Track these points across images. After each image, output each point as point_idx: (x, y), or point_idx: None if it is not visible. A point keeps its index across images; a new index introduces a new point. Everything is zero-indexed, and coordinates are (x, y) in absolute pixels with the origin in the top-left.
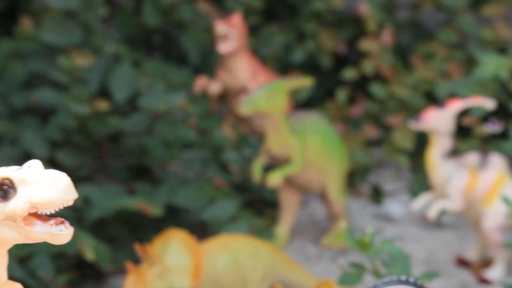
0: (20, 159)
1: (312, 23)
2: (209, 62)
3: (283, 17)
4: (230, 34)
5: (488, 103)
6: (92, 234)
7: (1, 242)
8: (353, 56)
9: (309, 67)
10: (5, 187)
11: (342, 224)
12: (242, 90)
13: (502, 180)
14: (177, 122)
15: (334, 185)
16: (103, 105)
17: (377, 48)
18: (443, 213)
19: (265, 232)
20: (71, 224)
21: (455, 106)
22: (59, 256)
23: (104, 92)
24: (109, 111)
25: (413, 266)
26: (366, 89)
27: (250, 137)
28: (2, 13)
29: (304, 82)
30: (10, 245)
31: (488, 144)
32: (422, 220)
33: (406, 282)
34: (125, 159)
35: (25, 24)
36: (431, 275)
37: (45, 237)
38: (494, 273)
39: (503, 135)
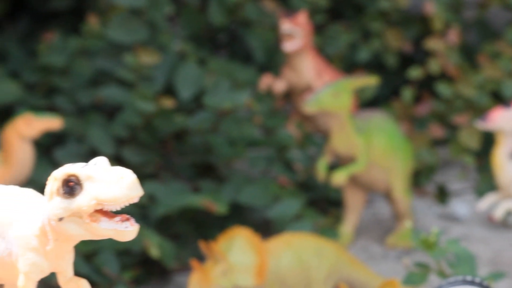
0: (86, 156)
1: (378, 22)
2: (274, 60)
3: (348, 16)
4: (295, 32)
5: None
6: (156, 231)
7: (68, 239)
8: (419, 55)
9: (375, 66)
10: (71, 183)
11: (407, 224)
12: (307, 89)
13: None
14: (242, 120)
15: (399, 185)
16: (168, 102)
17: (443, 47)
18: (509, 213)
19: (329, 231)
20: (137, 221)
21: None
22: (124, 253)
23: (169, 90)
24: (174, 108)
25: (479, 266)
26: (432, 88)
27: (315, 136)
28: (70, 11)
29: (369, 81)
30: (76, 241)
31: None
32: (488, 220)
33: (472, 283)
34: (190, 157)
35: (92, 22)
36: (497, 275)
37: (110, 234)
38: None
39: None
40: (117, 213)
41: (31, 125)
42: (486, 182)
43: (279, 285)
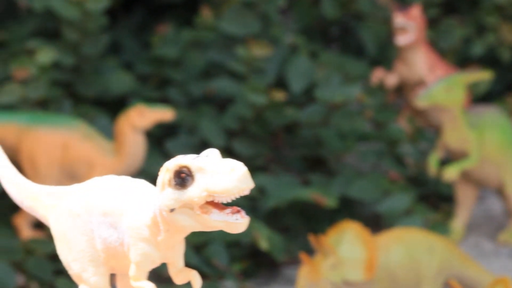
0: (198, 148)
1: (493, 16)
2: (386, 54)
3: (463, 10)
4: (409, 26)
5: None
6: (266, 224)
7: (178, 230)
8: None
9: (489, 60)
10: (183, 175)
11: None
12: (420, 83)
13: None
14: (353, 114)
15: None
16: (279, 95)
17: None
18: None
19: (440, 227)
20: (247, 213)
21: None
22: (233, 244)
23: (280, 83)
24: (285, 101)
25: None
26: None
27: (427, 130)
28: (183, 3)
29: (483, 76)
30: (187, 232)
31: None
32: None
33: None
34: (300, 150)
35: (205, 14)
36: None
37: (221, 226)
38: None
39: None
40: (227, 205)
41: (143, 116)
42: None
43: (388, 280)
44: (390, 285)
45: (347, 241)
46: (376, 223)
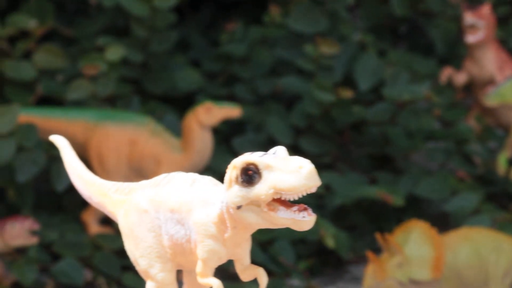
0: (264, 145)
1: None
2: (455, 52)
3: None
4: (478, 24)
5: None
6: (332, 222)
7: (245, 227)
8: None
9: None
10: (250, 172)
11: None
12: (489, 82)
13: None
14: (421, 112)
15: None
16: (347, 93)
17: None
18: None
19: (508, 226)
20: (313, 211)
21: None
22: (300, 242)
23: (348, 81)
24: (352, 99)
25: None
26: None
27: (496, 129)
28: (252, 1)
29: None
30: (253, 229)
31: None
32: None
33: None
34: (367, 148)
35: (274, 11)
36: None
37: (288, 223)
38: None
39: None
40: (294, 202)
41: (211, 114)
42: None
43: (455, 279)
44: (457, 284)
45: (414, 240)
46: (443, 222)
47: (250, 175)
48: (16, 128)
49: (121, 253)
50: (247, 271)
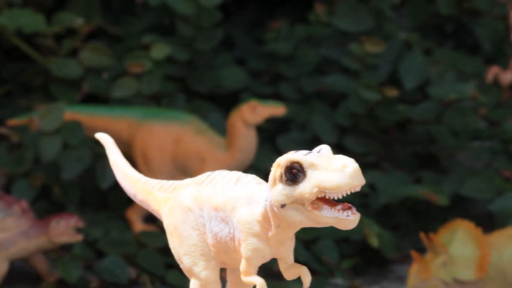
0: (309, 144)
1: None
2: (502, 51)
3: None
4: None
5: None
6: (376, 221)
7: (289, 225)
8: None
9: None
10: (294, 171)
11: None
12: None
13: None
14: (466, 111)
15: None
16: (392, 92)
17: None
18: None
19: None
20: (357, 210)
21: None
22: (343, 241)
23: (393, 79)
24: (397, 98)
25: None
26: None
27: None
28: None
29: None
30: (297, 228)
31: None
32: None
33: None
34: (412, 147)
35: (319, 10)
36: None
37: (331, 222)
38: None
39: None
40: (338, 201)
41: (255, 112)
42: None
43: (500, 280)
44: (502, 284)
45: (459, 240)
46: (488, 222)
47: (294, 174)
48: (61, 126)
49: (165, 251)
50: (290, 269)
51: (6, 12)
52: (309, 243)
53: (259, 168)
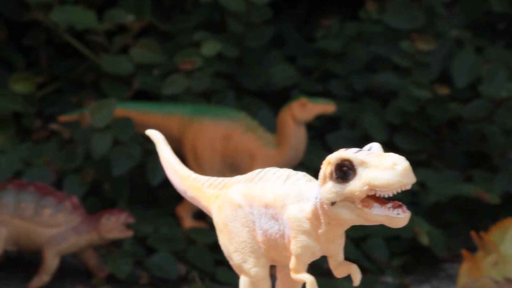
0: (359, 142)
1: None
2: None
3: None
4: None
5: None
6: (427, 219)
7: (339, 223)
8: None
9: None
10: (344, 168)
11: None
12: None
13: None
14: None
15: None
16: (443, 90)
17: None
18: None
19: None
20: (408, 208)
21: None
22: (393, 239)
23: (444, 77)
24: (449, 96)
25: None
26: None
27: None
28: None
29: None
30: (347, 226)
31: None
32: None
33: None
34: (463, 145)
35: (370, 7)
36: None
37: (382, 220)
38: None
39: None
40: (388, 199)
41: (305, 109)
42: None
43: None
44: None
45: (510, 239)
46: None
47: (344, 172)
48: (112, 122)
49: (215, 248)
50: (340, 267)
51: (58, 9)
52: (359, 241)
53: (308, 165)
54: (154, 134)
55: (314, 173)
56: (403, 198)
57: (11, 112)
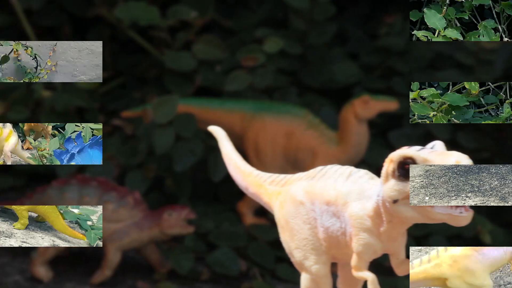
0: (422, 140)
1: None
2: None
3: None
4: None
5: None
6: (489, 218)
7: (401, 221)
8: None
9: None
10: (407, 166)
11: None
12: None
13: None
14: None
15: None
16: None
17: None
18: None
19: None
20: (470, 207)
21: None
22: (456, 237)
23: (508, 76)
24: None
25: None
26: None
27: None
28: None
29: None
30: (409, 224)
31: None
32: None
33: None
34: None
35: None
36: None
37: (444, 218)
38: None
39: None
40: None
41: (368, 106)
42: None
43: None
44: None
45: None
46: None
47: (407, 170)
48: (175, 118)
49: (276, 244)
50: (402, 265)
51: (122, 5)
52: (420, 239)
53: (370, 163)
54: (216, 130)
55: (376, 171)
56: None
57: (75, 107)
